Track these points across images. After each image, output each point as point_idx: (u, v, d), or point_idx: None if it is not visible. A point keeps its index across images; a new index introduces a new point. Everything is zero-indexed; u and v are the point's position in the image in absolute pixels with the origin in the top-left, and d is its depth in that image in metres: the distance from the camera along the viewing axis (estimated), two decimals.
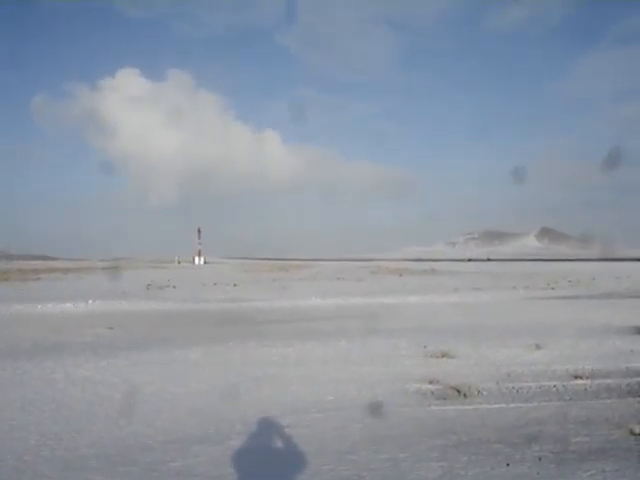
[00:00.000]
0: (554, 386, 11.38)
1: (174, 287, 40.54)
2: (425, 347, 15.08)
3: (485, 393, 10.95)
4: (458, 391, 10.91)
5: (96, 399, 10.44)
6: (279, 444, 8.10)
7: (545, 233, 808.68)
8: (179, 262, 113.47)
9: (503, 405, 10.10)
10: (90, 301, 28.30)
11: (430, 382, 11.54)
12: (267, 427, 8.71)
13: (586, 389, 11.21)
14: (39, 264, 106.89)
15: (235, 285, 43.32)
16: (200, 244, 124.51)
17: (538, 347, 14.90)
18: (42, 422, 8.98)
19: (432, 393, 10.94)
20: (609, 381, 11.74)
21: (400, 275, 61.13)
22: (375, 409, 9.76)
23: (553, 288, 41.13)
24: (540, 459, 7.23)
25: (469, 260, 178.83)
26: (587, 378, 11.95)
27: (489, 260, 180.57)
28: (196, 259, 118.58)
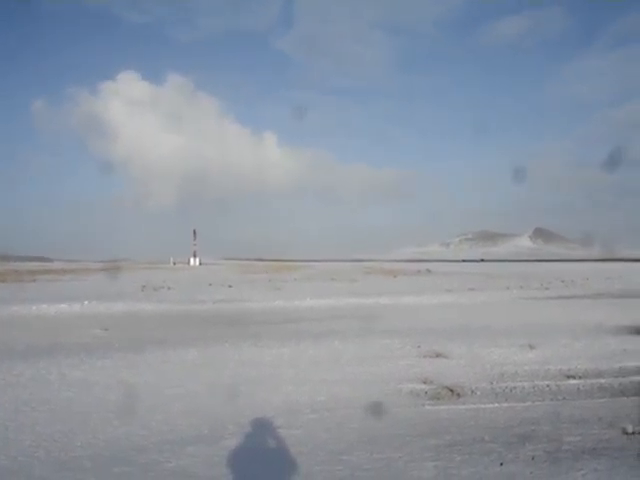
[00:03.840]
0: (547, 386, 11.42)
1: (169, 288, 40.44)
2: (419, 347, 15.12)
3: (479, 393, 10.99)
4: (452, 391, 10.95)
5: (91, 400, 10.42)
6: (272, 445, 8.11)
7: (539, 234, 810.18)
8: (174, 263, 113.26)
9: (497, 405, 10.13)
10: (86, 302, 28.20)
11: (424, 382, 11.57)
12: (261, 428, 8.72)
13: (579, 389, 11.26)
14: (35, 265, 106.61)
15: (230, 286, 43.23)
16: (195, 245, 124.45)
17: (532, 347, 14.94)
18: (37, 423, 8.96)
19: (426, 393, 10.97)
20: (602, 381, 11.79)
21: (394, 276, 61.18)
22: (368, 409, 9.78)
23: (547, 288, 41.19)
24: (533, 458, 7.26)
25: (463, 261, 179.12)
26: (580, 378, 12.02)
27: (483, 261, 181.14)
28: (191, 260, 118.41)
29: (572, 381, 11.76)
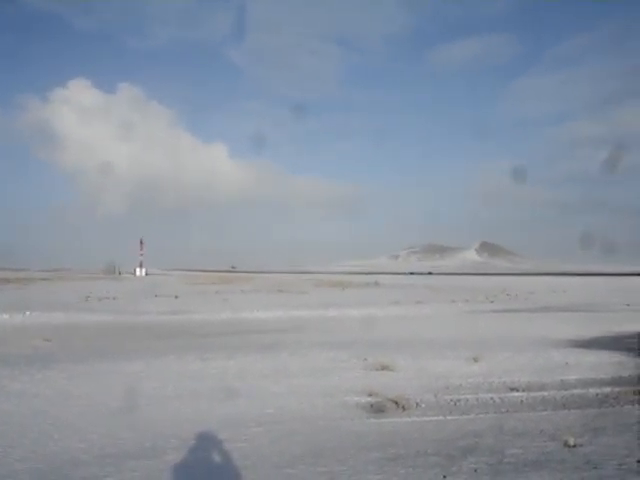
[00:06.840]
0: (491, 398, 11.56)
1: (114, 299, 39.82)
2: (365, 360, 15.13)
3: (423, 405, 11.05)
4: (397, 403, 10.97)
5: (30, 412, 10.15)
6: (216, 458, 7.99)
7: (485, 247, 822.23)
8: (120, 273, 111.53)
9: (441, 417, 10.21)
10: (27, 312, 27.58)
11: (369, 395, 11.58)
12: (204, 441, 8.59)
13: (522, 401, 11.42)
14: None
15: (176, 297, 42.76)
16: (142, 255, 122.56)
17: (476, 360, 15.10)
18: None
19: (371, 406, 10.99)
20: (545, 393, 11.99)
21: (343, 288, 61.35)
22: (314, 422, 9.74)
23: (492, 301, 41.86)
24: (476, 471, 7.30)
25: (411, 273, 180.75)
26: (523, 390, 12.19)
27: (430, 274, 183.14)
28: (137, 270, 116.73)
29: (515, 394, 11.93)
